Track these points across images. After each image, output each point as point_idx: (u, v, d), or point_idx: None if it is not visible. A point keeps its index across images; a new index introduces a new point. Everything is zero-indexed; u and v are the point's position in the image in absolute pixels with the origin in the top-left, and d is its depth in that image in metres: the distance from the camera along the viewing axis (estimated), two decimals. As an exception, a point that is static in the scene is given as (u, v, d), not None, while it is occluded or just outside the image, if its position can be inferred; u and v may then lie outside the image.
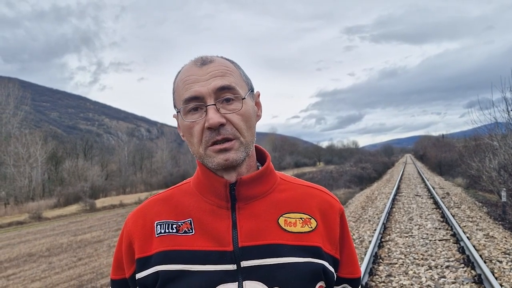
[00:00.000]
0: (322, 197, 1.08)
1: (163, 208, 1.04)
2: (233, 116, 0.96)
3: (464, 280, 6.09)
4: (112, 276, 1.07)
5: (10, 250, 16.61)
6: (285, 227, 0.99)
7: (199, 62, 0.99)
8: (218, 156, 0.95)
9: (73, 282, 10.98)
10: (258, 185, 1.02)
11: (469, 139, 26.06)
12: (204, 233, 0.97)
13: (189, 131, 0.98)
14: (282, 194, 1.04)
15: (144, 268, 0.97)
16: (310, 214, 1.03)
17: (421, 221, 11.21)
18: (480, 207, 13.68)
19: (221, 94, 0.95)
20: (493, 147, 14.87)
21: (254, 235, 0.96)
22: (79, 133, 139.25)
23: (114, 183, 51.56)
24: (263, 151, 1.10)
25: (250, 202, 1.00)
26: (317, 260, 0.98)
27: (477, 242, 8.30)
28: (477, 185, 18.23)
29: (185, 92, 0.97)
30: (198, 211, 1.00)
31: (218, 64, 0.99)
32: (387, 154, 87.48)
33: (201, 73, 0.97)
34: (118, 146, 76.49)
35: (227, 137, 0.95)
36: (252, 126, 1.01)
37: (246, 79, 1.04)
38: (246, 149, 0.99)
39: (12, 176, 41.56)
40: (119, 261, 1.05)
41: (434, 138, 76.95)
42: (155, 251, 0.97)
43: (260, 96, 1.10)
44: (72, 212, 30.29)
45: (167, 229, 0.99)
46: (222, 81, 0.96)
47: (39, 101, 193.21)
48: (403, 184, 24.00)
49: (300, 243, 0.98)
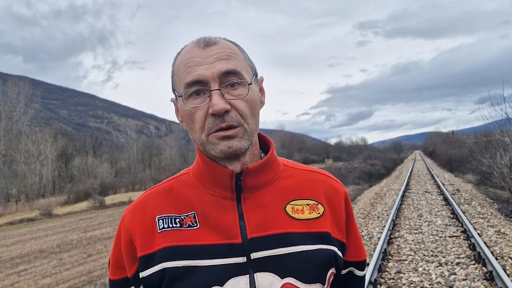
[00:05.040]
0: (327, 181, 1.05)
1: (163, 201, 0.98)
2: (238, 102, 0.91)
3: (475, 277, 6.02)
4: (112, 276, 1.01)
5: (21, 247, 16.81)
6: (293, 215, 0.96)
7: (202, 43, 0.94)
8: (221, 143, 0.91)
9: (83, 278, 11.08)
10: (264, 174, 0.98)
11: (479, 135, 25.78)
12: (209, 227, 0.93)
13: (190, 117, 0.93)
14: (286, 181, 1.01)
15: (148, 266, 0.92)
16: (317, 199, 1.00)
17: (431, 217, 11.11)
18: (491, 203, 13.52)
19: (226, 79, 0.90)
20: (504, 143, 14.69)
21: (262, 225, 0.93)
22: (88, 130, 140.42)
23: (123, 180, 51.90)
24: (266, 138, 1.06)
25: (255, 192, 0.97)
26: (328, 246, 0.96)
27: (488, 239, 8.21)
28: (488, 181, 18.02)
29: (187, 75, 0.91)
30: (201, 204, 0.96)
31: (223, 46, 0.94)
32: (396, 151, 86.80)
33: (205, 55, 0.91)
34: (127, 143, 76.87)
35: (232, 124, 0.90)
36: (256, 113, 0.96)
37: (250, 63, 0.99)
38: (250, 137, 0.94)
39: (23, 173, 42.03)
40: (118, 260, 0.99)
41: (444, 135, 76.32)
42: (159, 248, 0.92)
43: (263, 81, 1.05)
44: (82, 209, 30.57)
45: (170, 224, 0.94)
46: (227, 64, 0.91)
47: (49, 99, 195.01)
48: (413, 181, 23.82)
49: (309, 230, 0.95)
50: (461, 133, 63.97)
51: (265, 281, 0.89)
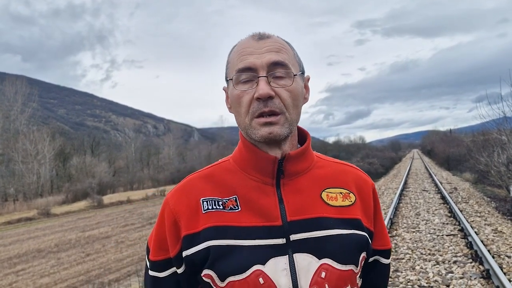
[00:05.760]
0: (356, 173, 1.14)
1: (206, 185, 1.04)
2: (282, 91, 0.98)
3: (472, 275, 6.05)
4: (153, 257, 1.05)
5: (19, 246, 16.79)
6: (328, 201, 1.03)
7: (256, 36, 1.03)
8: (262, 128, 0.97)
9: (82, 278, 11.09)
10: (302, 161, 1.05)
11: (477, 133, 25.82)
12: (250, 209, 0.99)
13: (238, 100, 1.00)
14: (321, 170, 1.08)
15: (192, 244, 0.98)
16: (348, 189, 1.07)
17: (429, 216, 11.15)
18: (488, 202, 13.57)
19: (273, 69, 0.98)
20: (501, 142, 14.73)
21: (300, 209, 0.99)
22: (86, 129, 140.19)
23: (121, 179, 51.87)
24: (303, 130, 1.12)
25: (293, 178, 1.03)
26: (360, 231, 1.02)
27: (485, 237, 8.24)
28: (485, 180, 18.06)
29: (240, 62, 0.99)
30: (242, 188, 1.02)
31: (275, 41, 1.02)
32: (394, 149, 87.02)
33: (258, 46, 1.00)
34: (125, 142, 76.90)
35: (274, 110, 0.97)
36: (298, 105, 1.03)
37: (298, 60, 1.07)
38: (290, 126, 1.00)
39: (20, 173, 41.95)
40: (161, 242, 1.04)
41: (441, 133, 76.47)
42: (204, 227, 0.98)
43: (309, 80, 1.12)
44: (80, 208, 30.55)
45: (214, 206, 1.00)
46: (276, 56, 0.98)
47: (46, 98, 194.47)
48: (410, 179, 23.88)
49: (343, 216, 1.02)
50: (459, 131, 64.08)
51: (304, 262, 0.95)
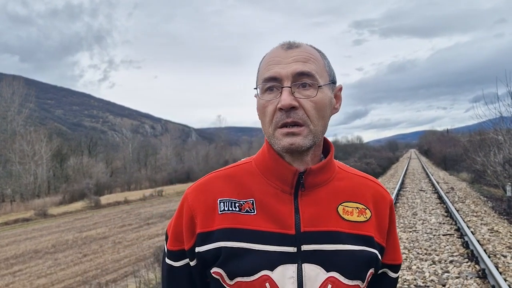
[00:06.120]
0: (376, 188, 1.13)
1: (225, 185, 1.05)
2: (306, 102, 0.97)
3: (468, 274, 6.07)
4: (170, 247, 1.08)
5: (16, 247, 16.74)
6: (343, 216, 1.03)
7: (285, 45, 1.02)
8: (284, 139, 0.97)
9: (78, 278, 11.07)
10: (323, 174, 1.06)
11: (474, 133, 25.90)
12: (265, 214, 1.00)
13: (262, 110, 1.01)
14: (340, 183, 1.09)
15: (205, 242, 1.00)
16: (365, 204, 1.08)
17: (425, 216, 11.18)
18: (485, 201, 13.63)
19: (298, 79, 0.97)
20: (498, 142, 14.78)
21: (315, 221, 1.00)
22: (83, 130, 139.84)
23: (118, 180, 51.79)
24: (328, 142, 1.12)
25: (312, 190, 1.04)
26: (370, 249, 1.03)
27: (482, 237, 8.27)
28: (482, 179, 18.13)
29: (266, 72, 1.00)
30: (261, 193, 1.03)
31: (303, 50, 1.01)
32: (391, 149, 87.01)
33: (285, 56, 0.99)
34: (123, 143, 76.69)
35: (297, 121, 0.96)
36: (325, 116, 1.02)
37: (329, 70, 1.06)
38: (315, 138, 1.00)
39: (17, 174, 41.84)
40: (178, 234, 1.06)
41: (438, 133, 76.65)
42: (218, 227, 0.99)
43: (342, 90, 1.11)
44: (77, 209, 30.48)
45: (230, 207, 1.01)
46: (302, 66, 0.98)
47: (43, 98, 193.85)
48: (408, 179, 23.93)
49: (356, 231, 1.03)
50: (456, 131, 64.31)
51: (312, 272, 0.96)
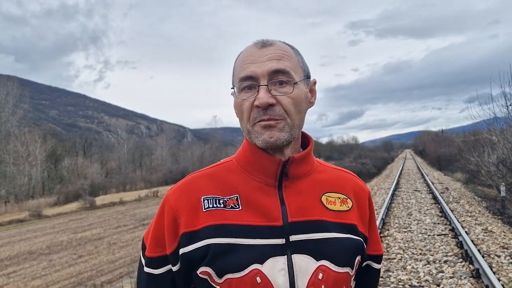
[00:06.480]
0: (354, 180, 1.17)
1: (208, 184, 1.06)
2: (283, 98, 0.99)
3: (462, 274, 6.11)
4: (150, 254, 1.06)
5: (10, 248, 16.64)
6: (327, 205, 1.06)
7: (259, 44, 1.04)
8: (264, 132, 0.99)
9: (73, 280, 11.02)
10: (305, 165, 1.08)
11: (468, 134, 26.07)
12: (251, 209, 1.01)
13: (239, 107, 1.03)
14: (321, 175, 1.12)
15: (191, 242, 0.98)
16: (346, 194, 1.11)
17: (420, 216, 11.23)
18: (479, 201, 13.72)
19: (274, 76, 0.99)
20: (492, 142, 14.87)
21: (301, 211, 1.02)
22: (78, 131, 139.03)
23: (113, 180, 51.55)
24: (307, 135, 1.15)
25: (295, 181, 1.06)
26: (356, 236, 1.05)
27: (476, 237, 8.33)
28: (476, 180, 18.23)
29: (242, 71, 1.01)
30: (244, 188, 1.04)
31: (277, 48, 1.03)
32: (386, 150, 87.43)
33: (259, 55, 1.01)
34: (118, 143, 76.43)
35: (274, 117, 0.98)
36: (301, 111, 1.04)
37: (303, 65, 1.08)
38: (292, 130, 1.02)
39: (12, 175, 41.56)
40: (158, 239, 1.05)
41: (433, 133, 77.07)
42: (204, 225, 0.99)
43: (316, 84, 1.13)
44: (72, 210, 30.31)
45: (214, 204, 1.01)
46: (277, 64, 0.99)
47: (38, 99, 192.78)
48: (403, 180, 24.02)
49: (340, 220, 1.05)
50: (451, 132, 64.59)
51: (302, 262, 0.97)
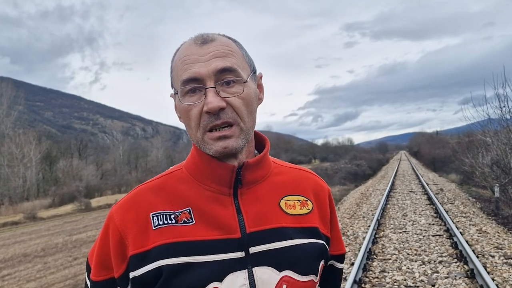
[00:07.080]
0: (313, 179, 1.11)
1: (156, 198, 0.96)
2: (234, 99, 0.91)
3: (456, 275, 6.15)
4: (95, 277, 0.96)
5: (5, 251, 16.53)
6: (286, 210, 0.99)
7: (199, 40, 0.94)
8: (217, 143, 0.91)
9: (69, 282, 10.96)
10: (261, 169, 1.00)
11: (462, 135, 26.24)
12: (205, 222, 0.93)
13: (186, 114, 0.93)
14: (278, 177, 1.04)
15: (142, 264, 0.89)
16: (306, 196, 1.04)
17: (415, 217, 11.29)
18: (473, 202, 13.80)
19: (221, 76, 0.90)
20: (486, 143, 14.97)
21: (259, 219, 0.95)
22: (73, 132, 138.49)
23: (109, 182, 51.33)
24: (260, 135, 1.07)
25: (251, 187, 0.98)
26: (318, 240, 1.00)
27: (470, 237, 8.38)
28: (470, 181, 18.35)
29: (184, 72, 0.91)
30: (196, 200, 0.95)
31: (220, 44, 0.94)
32: (381, 151, 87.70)
33: (201, 53, 0.91)
34: (113, 145, 76.23)
35: (227, 121, 0.91)
36: (253, 111, 0.96)
37: (248, 60, 1.00)
38: (247, 135, 0.95)
39: (6, 177, 41.30)
40: (104, 261, 0.95)
41: (428, 135, 77.46)
42: (154, 245, 0.90)
43: (262, 77, 1.05)
44: (67, 212, 30.16)
45: (165, 221, 0.92)
46: (223, 62, 0.91)
47: (32, 100, 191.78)
48: (398, 181, 24.11)
49: (301, 225, 0.99)
50: (445, 133, 65.03)
51: (264, 275, 0.91)
